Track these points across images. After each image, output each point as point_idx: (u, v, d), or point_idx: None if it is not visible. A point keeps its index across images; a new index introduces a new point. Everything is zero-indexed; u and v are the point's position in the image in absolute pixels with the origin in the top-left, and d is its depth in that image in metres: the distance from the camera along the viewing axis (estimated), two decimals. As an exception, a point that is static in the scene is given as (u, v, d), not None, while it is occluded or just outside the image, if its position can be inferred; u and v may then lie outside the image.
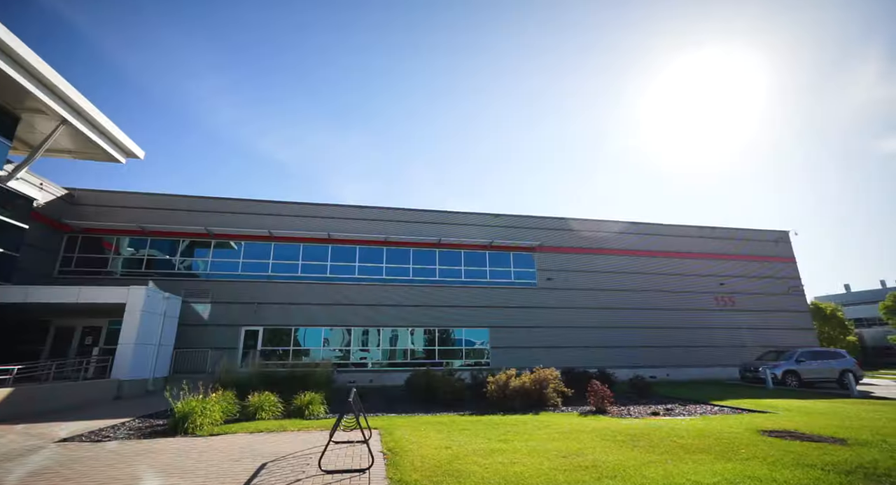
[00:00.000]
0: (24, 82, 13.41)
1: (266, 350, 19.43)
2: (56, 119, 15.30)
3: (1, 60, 12.59)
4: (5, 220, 15.12)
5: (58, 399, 11.54)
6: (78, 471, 5.56)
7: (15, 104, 14.82)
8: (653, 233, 26.27)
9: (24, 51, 12.94)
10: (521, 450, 6.61)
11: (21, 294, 14.41)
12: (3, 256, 15.12)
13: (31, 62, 13.20)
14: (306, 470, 5.47)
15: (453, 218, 23.79)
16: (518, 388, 11.51)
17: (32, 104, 14.71)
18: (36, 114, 15.30)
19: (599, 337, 22.96)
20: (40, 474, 5.47)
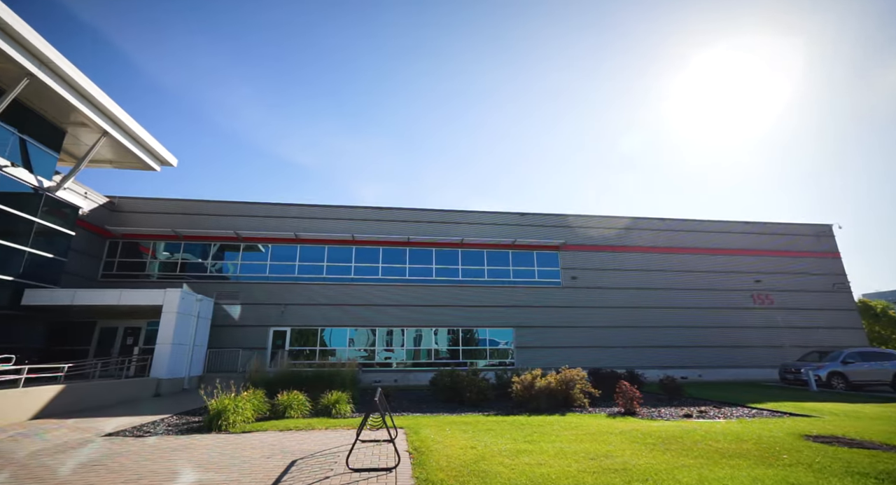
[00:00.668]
0: (71, 98, 14.31)
1: (293, 350, 19.93)
2: (98, 131, 16.23)
3: (54, 82, 13.52)
4: (55, 227, 16.14)
5: (103, 396, 12.22)
6: (122, 464, 5.86)
7: (62, 119, 15.83)
8: (683, 229, 25.38)
9: (72, 70, 13.83)
10: (548, 451, 6.51)
11: (69, 297, 15.33)
12: (53, 262, 16.15)
13: (77, 80, 14.09)
14: (334, 468, 5.56)
15: (475, 217, 23.72)
16: (543, 388, 11.35)
17: (77, 118, 15.68)
18: (80, 127, 16.29)
19: (627, 337, 22.37)
20: (89, 466, 5.80)
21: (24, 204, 14.85)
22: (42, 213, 15.54)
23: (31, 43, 12.35)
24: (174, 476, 5.31)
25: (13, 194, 14.38)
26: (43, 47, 12.68)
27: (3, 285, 14.16)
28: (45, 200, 15.67)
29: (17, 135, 14.60)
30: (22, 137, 14.79)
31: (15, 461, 6.03)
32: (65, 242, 16.78)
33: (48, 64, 13.20)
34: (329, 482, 4.97)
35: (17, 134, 14.59)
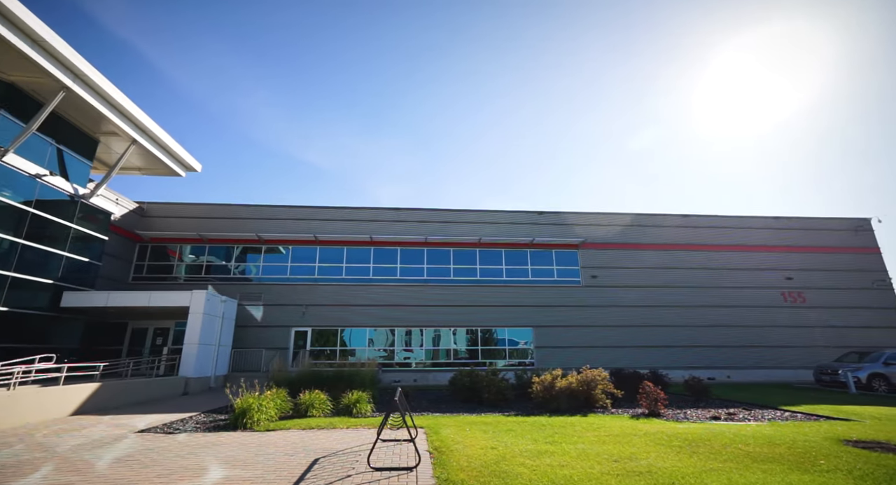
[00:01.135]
0: (103, 109, 14.97)
1: (314, 350, 20.29)
2: (128, 140, 16.91)
3: (88, 94, 14.19)
4: (90, 232, 16.90)
5: (135, 394, 12.72)
6: (154, 460, 6.09)
7: (94, 129, 16.57)
8: (707, 225, 24.62)
9: (104, 83, 14.49)
10: (570, 452, 6.41)
11: (103, 299, 16.02)
12: (89, 265, 16.91)
13: (109, 92, 14.75)
14: (356, 467, 5.62)
15: (493, 217, 23.62)
16: (564, 389, 11.19)
17: (108, 128, 16.37)
18: (111, 136, 17.02)
19: (650, 336, 21.86)
20: (124, 461, 6.04)
21: (62, 211, 15.61)
22: (78, 219, 16.30)
23: (67, 58, 12.97)
24: (203, 472, 5.47)
25: (52, 202, 15.14)
26: (77, 61, 13.29)
27: (45, 288, 14.92)
28: (81, 206, 16.43)
29: (54, 145, 15.36)
30: (58, 147, 15.56)
31: (58, 455, 6.35)
32: (99, 246, 17.56)
33: (82, 77, 13.84)
34: (351, 481, 5.03)
35: (54, 144, 15.36)
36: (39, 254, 14.72)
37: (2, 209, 13.40)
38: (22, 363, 11.02)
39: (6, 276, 13.52)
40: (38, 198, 14.63)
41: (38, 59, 12.32)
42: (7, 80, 13.52)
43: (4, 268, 13.48)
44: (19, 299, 13.97)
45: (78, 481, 5.13)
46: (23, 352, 13.19)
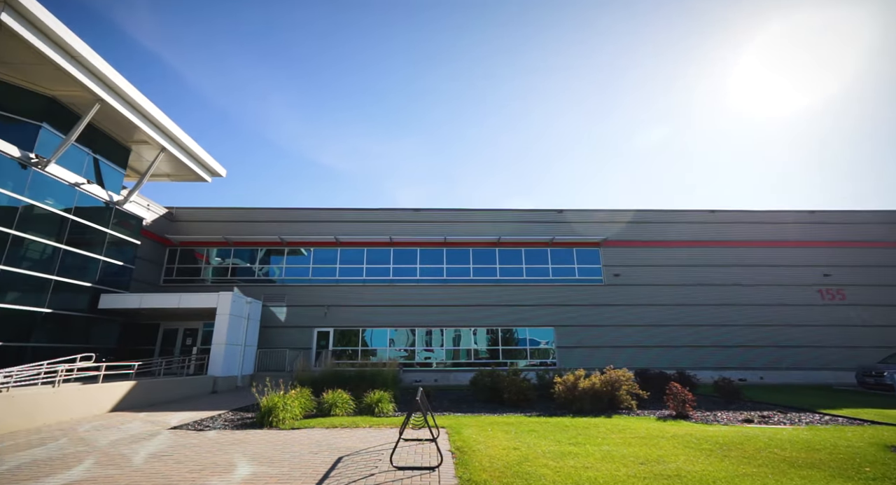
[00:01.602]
0: (135, 119, 15.66)
1: (337, 350, 20.61)
2: (157, 148, 17.60)
3: (121, 105, 14.87)
4: (123, 237, 17.69)
5: (168, 392, 13.22)
6: (186, 456, 6.31)
7: (127, 138, 17.34)
8: (736, 221, 23.74)
9: (136, 94, 15.18)
10: (594, 454, 6.28)
11: (136, 301, 16.72)
12: (123, 269, 17.69)
13: (140, 103, 15.43)
14: (379, 465, 5.67)
15: (512, 216, 23.44)
16: (587, 389, 10.99)
17: (139, 137, 17.10)
18: (142, 144, 17.76)
19: (676, 336, 21.23)
20: (159, 455, 6.29)
21: (98, 217, 16.39)
22: (113, 224, 17.08)
23: (101, 71, 13.62)
24: (232, 469, 5.63)
25: (89, 208, 15.92)
26: (111, 74, 13.94)
27: (84, 291, 15.70)
28: (115, 212, 17.20)
29: (90, 155, 16.15)
30: (94, 157, 16.35)
31: (98, 449, 6.66)
32: (132, 250, 18.34)
33: (115, 89, 14.50)
34: (374, 479, 5.07)
35: (90, 154, 16.15)
36: (79, 258, 15.50)
37: (45, 217, 14.18)
38: (65, 362, 11.61)
39: (50, 279, 14.30)
40: (77, 205, 15.41)
41: (75, 73, 12.99)
42: (49, 95, 14.31)
43: (48, 272, 14.26)
44: (61, 302, 14.74)
45: (117, 474, 5.36)
46: (65, 351, 13.92)
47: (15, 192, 13.20)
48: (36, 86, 13.94)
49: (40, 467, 5.72)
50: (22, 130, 13.72)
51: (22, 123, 13.78)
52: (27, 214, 13.56)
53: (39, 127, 14.07)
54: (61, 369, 10.89)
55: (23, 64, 12.84)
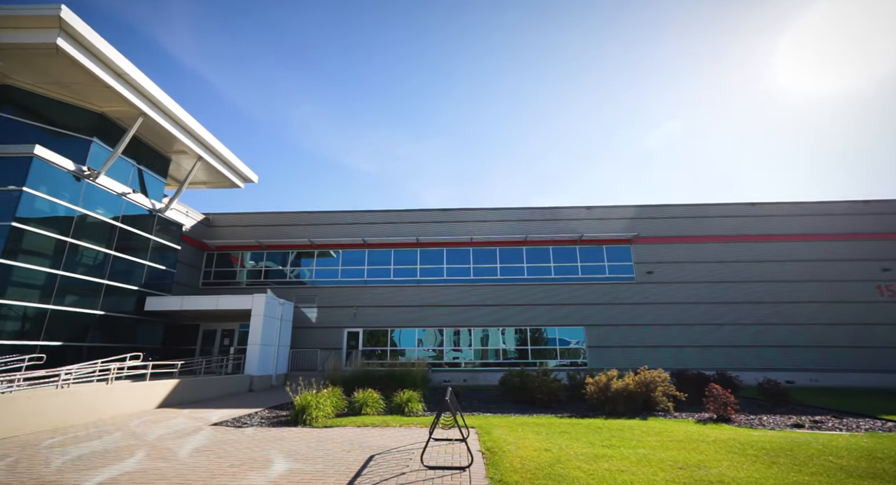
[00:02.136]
0: (174, 131, 16.55)
1: (366, 350, 20.96)
2: (194, 157, 18.50)
3: (162, 118, 15.77)
4: (166, 243, 18.69)
5: (208, 390, 13.85)
6: (227, 451, 6.59)
7: (167, 149, 18.33)
8: (779, 213, 22.42)
9: (175, 108, 16.07)
10: (630, 457, 6.09)
11: (178, 303, 17.62)
12: (165, 272, 18.70)
13: (179, 115, 16.31)
14: (409, 464, 5.72)
15: (538, 214, 23.11)
16: (621, 390, 10.68)
17: (178, 147, 18.04)
18: (181, 154, 18.72)
19: (715, 335, 20.28)
20: (202, 450, 6.60)
21: (143, 224, 17.40)
22: (156, 231, 18.08)
23: (145, 87, 14.50)
24: (269, 464, 5.83)
25: (134, 216, 16.93)
26: (152, 89, 14.80)
27: (131, 294, 16.71)
28: (158, 219, 18.21)
29: (135, 166, 17.18)
30: (139, 168, 17.37)
31: (148, 443, 7.06)
32: (173, 255, 19.36)
33: (156, 103, 15.37)
34: (405, 478, 5.12)
35: (135, 165, 17.17)
36: (126, 263, 16.50)
37: (97, 225, 15.20)
38: (116, 361, 12.39)
39: (102, 283, 15.30)
40: (124, 213, 16.42)
41: (121, 90, 13.87)
42: (98, 111, 15.34)
43: (101, 276, 15.27)
44: (112, 304, 15.75)
45: (165, 467, 5.67)
46: (115, 350, 14.86)
47: (71, 202, 14.22)
48: (87, 103, 14.97)
49: (99, 458, 6.13)
50: (75, 144, 14.77)
51: (75, 139, 14.84)
52: (81, 223, 14.57)
53: (90, 141, 15.10)
54: (114, 367, 11.62)
55: (75, 84, 13.82)
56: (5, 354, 11.74)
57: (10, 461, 5.98)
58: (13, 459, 6.12)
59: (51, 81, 13.78)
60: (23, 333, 12.65)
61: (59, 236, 13.81)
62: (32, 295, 12.99)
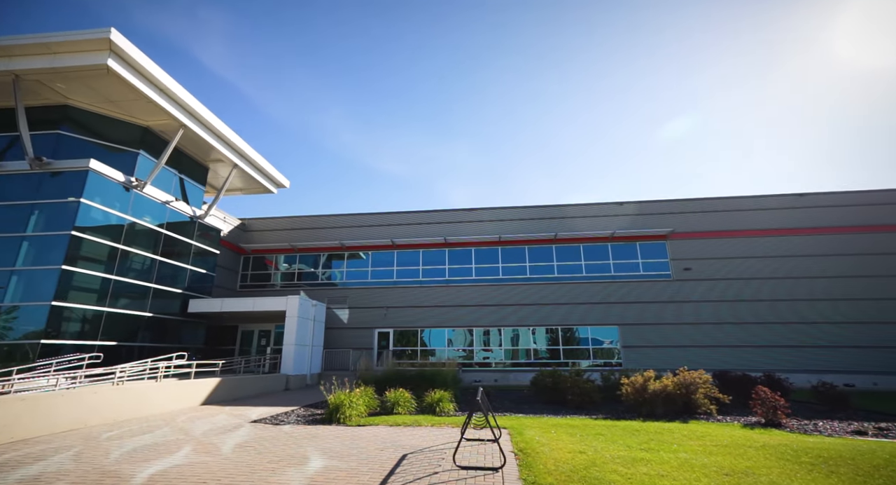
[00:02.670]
0: (212, 141, 17.41)
1: (397, 350, 21.21)
2: (230, 165, 19.36)
3: (201, 129, 16.60)
4: (206, 248, 19.66)
5: (247, 388, 14.44)
6: (266, 447, 6.83)
7: (205, 158, 19.27)
8: (832, 204, 20.95)
9: (213, 119, 16.89)
10: (670, 462, 5.84)
11: (218, 305, 18.48)
12: (205, 276, 19.65)
13: (216, 126, 17.15)
14: (442, 464, 5.73)
15: (568, 211, 22.63)
16: (659, 391, 10.27)
17: (215, 156, 18.92)
18: (217, 163, 19.64)
19: (760, 334, 19.18)
20: (243, 446, 6.89)
21: (185, 230, 18.38)
22: (196, 236, 19.04)
23: (185, 101, 15.35)
24: (306, 461, 6.00)
25: (177, 223, 17.91)
26: (192, 102, 15.64)
27: (175, 296, 17.67)
28: (198, 226, 19.17)
29: (177, 175, 18.18)
30: (180, 177, 18.37)
31: (194, 438, 7.44)
32: (213, 259, 20.32)
33: (195, 116, 16.22)
34: (438, 478, 5.13)
35: (177, 174, 18.17)
36: (170, 268, 17.48)
37: (144, 232, 16.18)
38: (164, 360, 13.14)
39: (149, 287, 16.28)
40: (168, 220, 17.40)
41: (164, 104, 14.76)
42: (143, 125, 16.35)
43: (148, 280, 16.25)
44: (159, 306, 16.72)
45: (210, 461, 5.95)
46: (162, 350, 15.76)
47: (121, 212, 15.21)
48: (133, 118, 15.98)
49: (151, 450, 6.52)
50: (124, 157, 15.81)
51: (124, 152, 15.88)
52: (130, 231, 15.56)
53: (138, 154, 16.11)
54: (162, 366, 12.33)
55: (123, 100, 14.79)
56: (69, 353, 12.70)
57: (75, 451, 6.47)
58: (78, 449, 6.60)
59: (102, 99, 14.82)
60: (83, 333, 13.65)
61: (112, 243, 14.80)
62: (90, 298, 13.98)
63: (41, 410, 7.83)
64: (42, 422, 7.77)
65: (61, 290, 12.98)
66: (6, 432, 7.15)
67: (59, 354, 12.49)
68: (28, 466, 5.73)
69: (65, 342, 12.97)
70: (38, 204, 13.82)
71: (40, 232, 13.52)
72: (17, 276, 13.10)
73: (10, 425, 7.21)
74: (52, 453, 6.38)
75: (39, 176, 14.09)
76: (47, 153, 14.27)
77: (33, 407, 7.72)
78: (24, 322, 12.73)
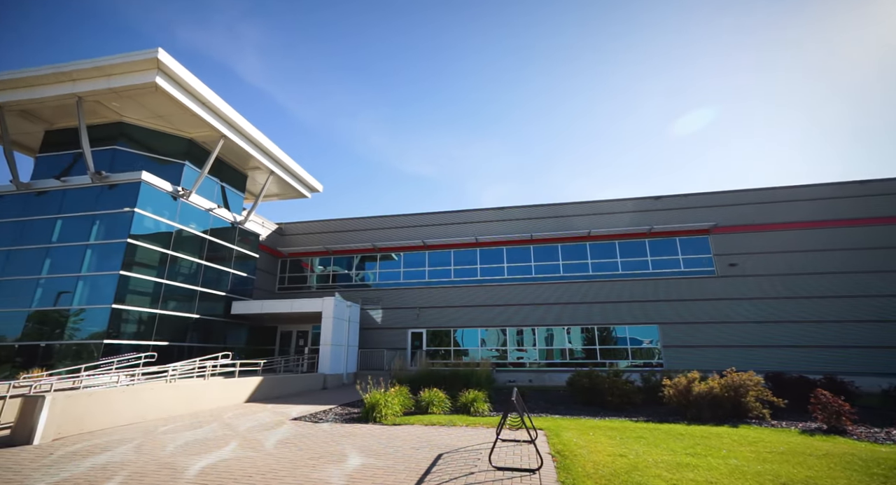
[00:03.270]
0: (251, 150, 18.28)
1: (430, 350, 21.35)
2: (267, 172, 20.20)
3: (240, 139, 17.47)
4: (246, 252, 20.61)
5: (287, 387, 14.98)
6: (306, 444, 7.06)
7: (244, 166, 20.22)
8: (894, 192, 19.13)
9: (252, 129, 17.75)
10: (719, 468, 5.52)
11: (259, 306, 19.32)
12: (246, 279, 20.60)
13: (255, 136, 18.01)
14: (478, 465, 5.70)
15: (602, 207, 21.97)
16: (704, 394, 9.76)
17: (253, 164, 19.81)
18: (255, 170, 20.56)
19: (817, 334, 17.83)
20: (285, 442, 7.15)
21: (227, 236, 19.35)
22: (237, 241, 20.01)
23: (226, 113, 16.23)
24: (344, 458, 6.15)
25: (220, 229, 18.89)
26: (233, 115, 16.49)
27: (219, 299, 18.64)
28: (238, 231, 20.14)
29: (218, 183, 19.18)
30: (221, 185, 19.37)
31: (239, 434, 7.81)
32: (253, 263, 21.28)
33: (235, 127, 17.07)
34: (474, 478, 5.10)
35: (218, 182, 19.18)
36: (214, 272, 18.45)
37: (190, 239, 17.18)
38: (210, 360, 13.89)
39: (196, 290, 17.26)
40: (212, 227, 18.39)
41: (207, 117, 15.66)
42: (188, 137, 17.38)
43: (195, 284, 17.24)
44: (205, 308, 17.69)
45: (255, 456, 6.22)
46: (208, 350, 16.68)
47: (170, 219, 16.23)
48: (178, 131, 17.02)
49: (202, 445, 6.90)
50: (171, 168, 16.87)
51: (171, 163, 16.94)
52: (178, 237, 16.56)
53: (183, 165, 17.14)
54: (209, 365, 13.03)
55: (170, 115, 15.80)
56: (127, 352, 13.69)
57: (136, 444, 6.95)
58: (138, 442, 7.09)
59: (151, 115, 15.88)
60: (139, 334, 14.67)
61: (162, 249, 15.81)
62: (145, 301, 15.01)
63: (106, 404, 8.47)
64: (107, 416, 8.41)
65: (120, 293, 14.01)
66: (78, 424, 7.79)
67: (119, 353, 13.49)
68: (97, 455, 6.22)
69: (123, 342, 13.99)
70: (99, 214, 15.00)
71: (101, 240, 14.66)
72: (83, 281, 14.26)
73: (81, 418, 7.85)
74: (116, 445, 6.88)
75: (99, 189, 15.29)
76: (105, 167, 15.46)
77: (99, 402, 8.37)
78: (90, 323, 13.84)
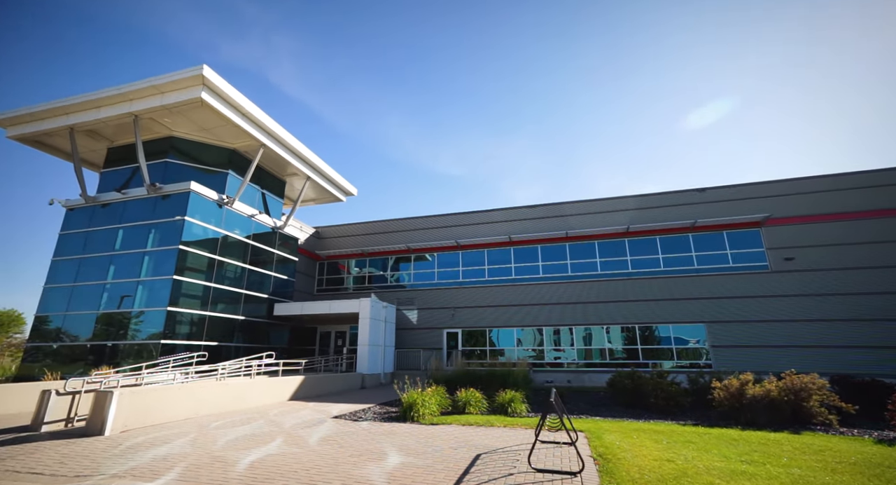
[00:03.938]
0: (288, 158, 19.05)
1: (465, 350, 21.31)
2: (304, 178, 20.95)
3: (279, 147, 18.25)
4: (286, 256, 21.47)
5: (327, 386, 15.44)
6: (347, 442, 7.25)
7: (282, 173, 21.07)
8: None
9: (289, 138, 18.51)
10: (780, 477, 5.13)
11: (298, 308, 20.04)
12: (287, 282, 21.44)
13: (292, 144, 18.79)
14: (517, 466, 5.61)
15: (641, 202, 21.11)
16: (760, 397, 9.12)
17: (291, 171, 20.62)
18: (292, 176, 21.37)
19: (891, 333, 16.18)
20: (326, 439, 7.37)
21: (268, 240, 20.24)
22: (278, 246, 20.87)
23: (265, 123, 17.03)
24: (384, 456, 6.25)
25: (261, 234, 19.78)
26: (271, 124, 17.29)
27: (262, 301, 19.52)
28: (278, 236, 21.01)
29: (259, 190, 20.10)
30: (262, 192, 20.29)
31: (284, 431, 8.14)
32: (293, 266, 22.12)
33: (274, 135, 17.86)
34: (513, 479, 5.03)
35: (259, 189, 20.10)
36: (257, 275, 19.34)
37: (235, 244, 18.11)
38: (255, 359, 14.57)
39: (241, 293, 18.16)
40: (254, 232, 19.29)
41: (248, 128, 16.51)
42: (230, 148, 18.34)
43: (240, 287, 18.15)
44: (249, 310, 18.58)
45: (299, 452, 6.45)
46: (253, 350, 17.50)
47: (216, 226, 17.18)
48: (222, 142, 18.00)
49: (250, 440, 7.24)
50: (216, 178, 17.86)
51: (216, 173, 17.94)
52: (224, 243, 17.50)
53: (227, 174, 18.11)
54: (255, 364, 13.66)
55: (214, 127, 16.75)
56: (181, 351, 14.62)
57: (191, 438, 7.40)
58: (193, 436, 7.55)
59: (198, 128, 16.90)
60: (191, 334, 15.63)
61: (210, 255, 16.76)
62: (195, 304, 15.97)
63: (165, 400, 9.09)
64: (165, 411, 9.01)
65: (174, 297, 14.99)
66: (141, 417, 8.40)
67: (174, 352, 14.42)
68: (157, 447, 6.68)
69: (178, 342, 14.95)
70: (154, 223, 16.12)
71: (156, 247, 15.75)
72: (142, 286, 15.38)
73: (143, 413, 8.47)
74: (174, 438, 7.36)
75: (154, 199, 16.44)
76: (158, 179, 16.60)
77: (159, 398, 8.99)
78: (148, 325, 14.90)
